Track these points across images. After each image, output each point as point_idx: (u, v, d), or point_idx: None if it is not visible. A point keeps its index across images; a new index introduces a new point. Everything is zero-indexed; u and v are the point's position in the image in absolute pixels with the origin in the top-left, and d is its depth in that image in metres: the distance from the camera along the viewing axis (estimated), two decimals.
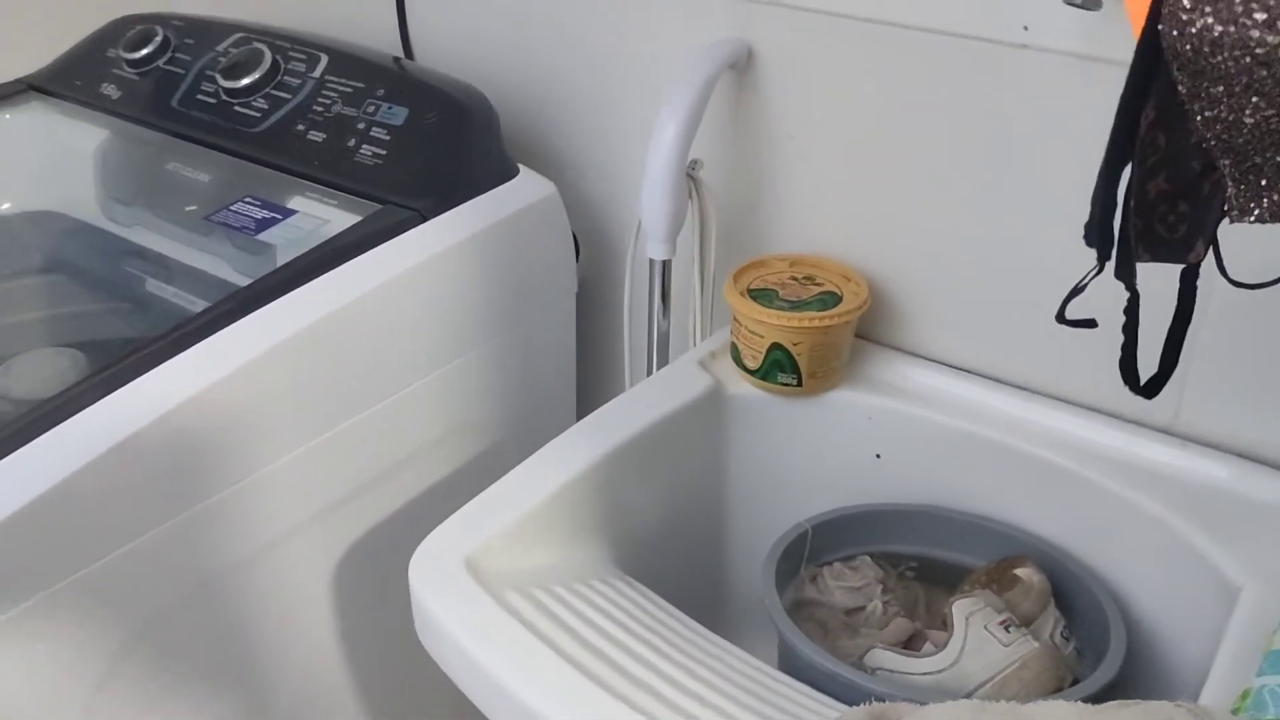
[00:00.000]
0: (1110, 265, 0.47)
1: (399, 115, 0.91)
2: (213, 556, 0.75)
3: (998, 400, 0.80)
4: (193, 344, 0.73)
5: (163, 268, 0.99)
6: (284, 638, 0.82)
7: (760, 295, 0.81)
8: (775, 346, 0.80)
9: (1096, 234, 0.45)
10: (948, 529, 0.79)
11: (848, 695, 0.63)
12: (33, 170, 1.06)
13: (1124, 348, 0.50)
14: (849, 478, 0.83)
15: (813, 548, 0.78)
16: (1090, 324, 0.51)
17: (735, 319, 0.82)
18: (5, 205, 1.05)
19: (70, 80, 1.08)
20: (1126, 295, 0.48)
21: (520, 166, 0.93)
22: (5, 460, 0.64)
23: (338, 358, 0.79)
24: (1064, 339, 0.76)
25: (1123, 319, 0.50)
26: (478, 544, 0.67)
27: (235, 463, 0.74)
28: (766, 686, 0.61)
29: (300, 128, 0.94)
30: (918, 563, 0.80)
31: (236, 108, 0.98)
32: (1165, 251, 0.47)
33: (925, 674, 0.68)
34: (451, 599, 0.64)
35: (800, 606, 0.76)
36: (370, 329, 0.80)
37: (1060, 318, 0.50)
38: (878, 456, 0.83)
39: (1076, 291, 0.49)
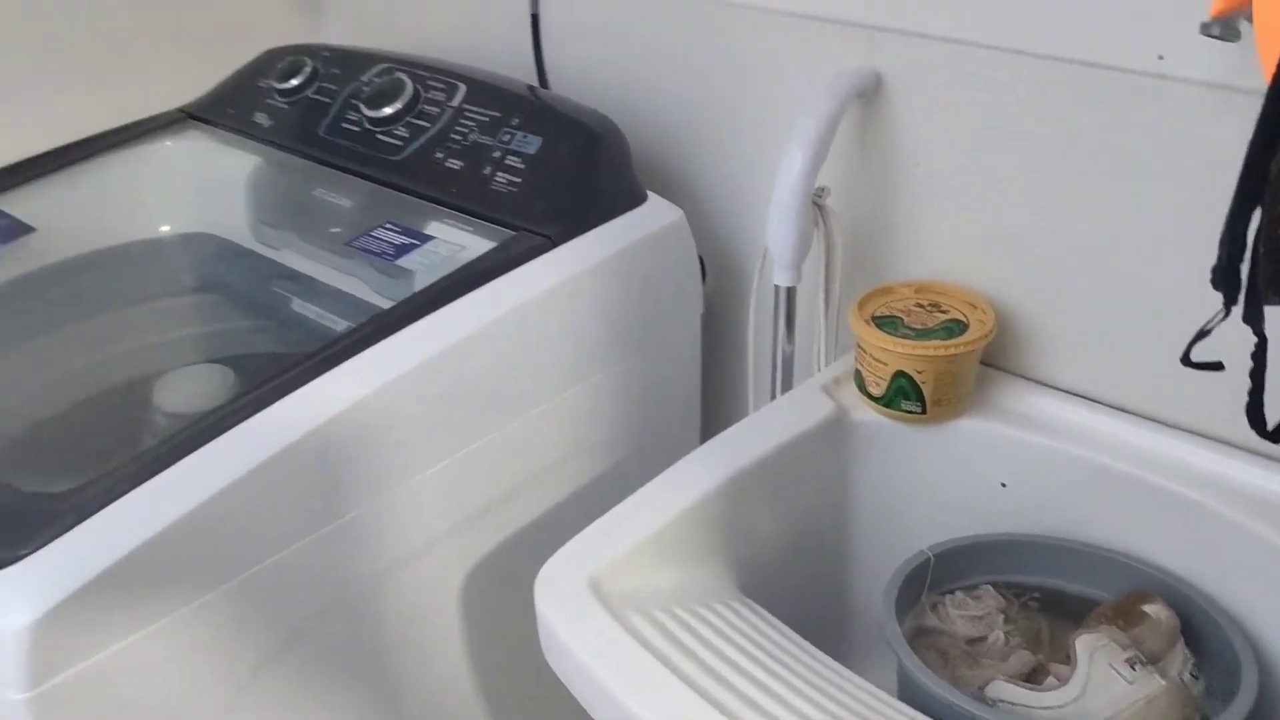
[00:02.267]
0: (1238, 308, 0.46)
1: (533, 144, 0.95)
2: (351, 568, 0.79)
3: (1127, 432, 0.78)
4: (338, 364, 0.77)
5: (308, 289, 1.04)
6: (417, 649, 0.86)
7: (885, 322, 0.82)
8: (900, 374, 0.80)
9: (1223, 277, 0.45)
10: (1073, 561, 0.78)
11: None
12: (189, 194, 1.13)
13: (1251, 394, 0.49)
14: (973, 505, 0.82)
15: (935, 575, 0.78)
16: (1217, 367, 0.50)
17: (859, 346, 0.82)
18: (164, 228, 1.12)
19: (225, 109, 1.14)
20: (1255, 339, 0.48)
21: (649, 193, 0.95)
22: (164, 474, 0.68)
23: (472, 378, 0.82)
24: (1196, 371, 0.75)
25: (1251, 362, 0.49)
26: (601, 565, 0.69)
27: (376, 478, 0.78)
28: (885, 716, 0.62)
29: (439, 155, 0.98)
30: (1041, 594, 0.79)
31: (379, 136, 1.03)
32: None
33: (1047, 708, 0.68)
34: (575, 618, 0.66)
35: (921, 634, 0.76)
36: (503, 351, 0.83)
37: (1186, 360, 0.50)
38: (1003, 485, 0.82)
39: (1202, 335, 0.49)
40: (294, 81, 1.10)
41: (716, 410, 1.07)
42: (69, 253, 1.04)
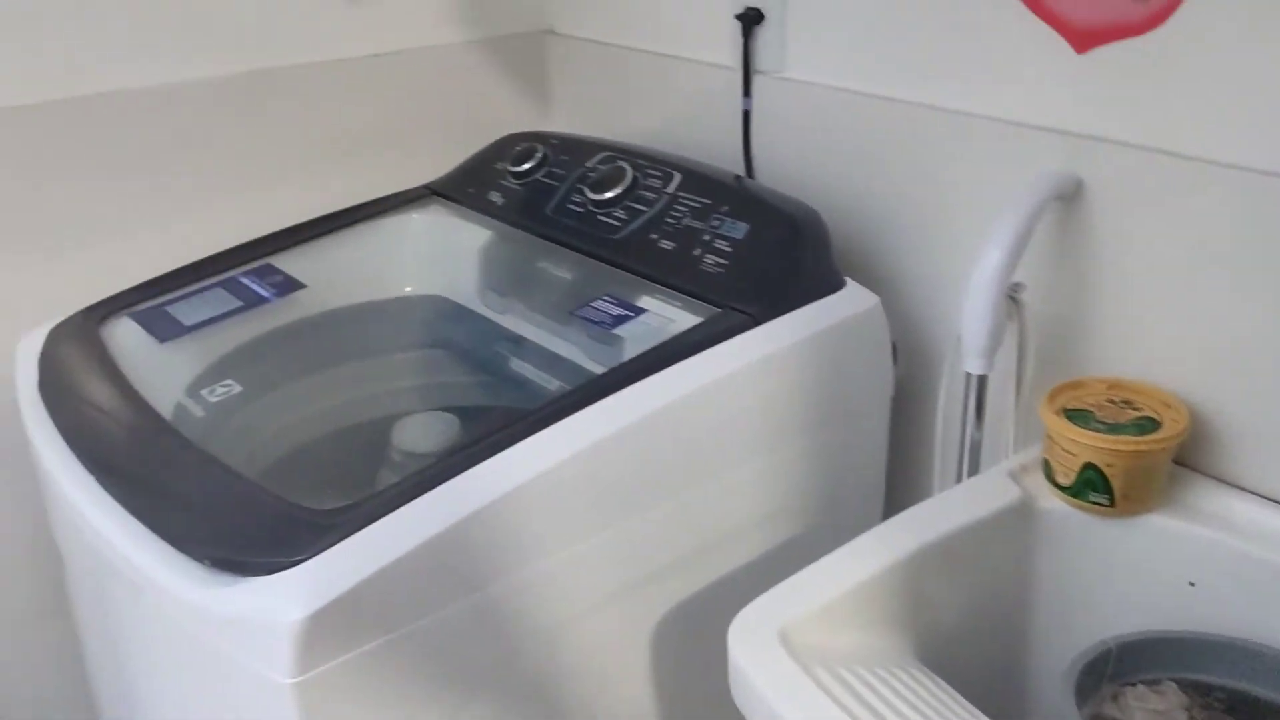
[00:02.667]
0: None
1: (740, 230, 1.02)
2: (547, 612, 0.86)
3: None
4: (559, 420, 0.85)
5: (527, 351, 1.14)
6: (604, 691, 0.92)
7: (1076, 415, 0.84)
8: (1089, 466, 0.83)
9: None
10: (1262, 664, 0.78)
11: None
12: (429, 261, 1.25)
13: None
14: (1159, 601, 0.84)
15: (1116, 667, 0.80)
16: None
17: (1049, 436, 0.85)
18: (407, 288, 1.24)
19: (464, 187, 1.27)
20: None
21: (847, 279, 1.01)
22: (414, 502, 0.78)
23: (675, 441, 0.89)
24: None
25: None
26: (792, 618, 0.74)
27: (579, 526, 0.85)
28: None
29: (653, 237, 1.07)
30: (1227, 695, 0.79)
31: (600, 217, 1.12)
32: None
33: None
34: (765, 665, 0.71)
35: None
36: (705, 417, 0.90)
37: None
38: (1191, 584, 0.83)
39: None
40: (526, 165, 1.22)
41: (900, 488, 1.10)
42: (329, 306, 1.17)
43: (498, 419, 0.88)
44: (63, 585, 1.22)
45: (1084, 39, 0.86)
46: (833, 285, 1.00)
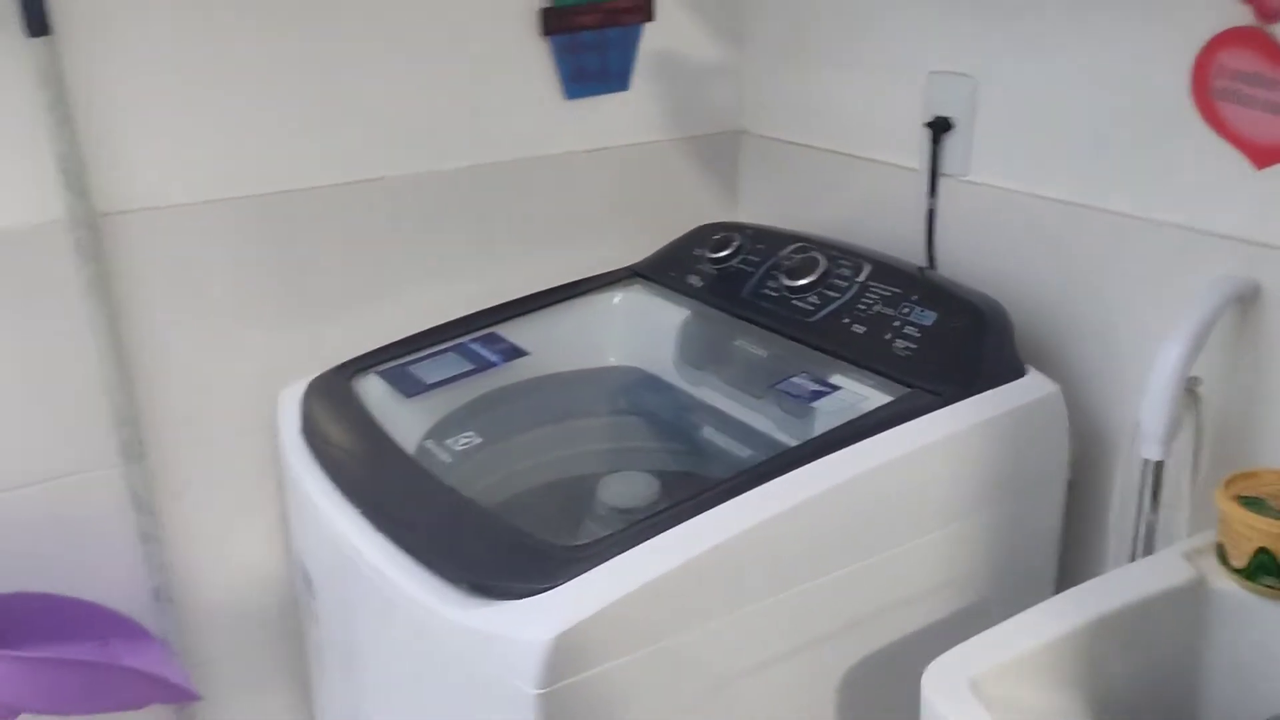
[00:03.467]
0: None
1: (929, 317, 1.12)
2: (742, 657, 0.95)
3: None
4: (760, 484, 0.96)
5: (719, 421, 1.26)
6: None
7: (1250, 502, 0.91)
8: (1262, 550, 0.89)
9: None
10: None
11: None
12: (630, 336, 1.38)
13: None
14: None
15: None
16: None
17: (1223, 520, 0.92)
18: (611, 359, 1.38)
19: (665, 270, 1.40)
20: None
21: (1029, 367, 1.09)
22: (636, 548, 0.89)
23: (865, 508, 0.98)
24: None
25: None
26: (982, 670, 0.82)
27: (772, 582, 0.95)
28: None
29: (845, 321, 1.17)
30: None
31: (794, 301, 1.24)
32: None
33: None
34: (960, 712, 0.79)
35: None
36: (892, 488, 0.99)
37: None
38: None
39: None
40: (724, 252, 1.35)
41: (1072, 570, 1.16)
42: (544, 371, 1.31)
43: (699, 482, 0.99)
44: (294, 611, 1.37)
45: (1263, 156, 0.94)
46: (1014, 373, 1.08)
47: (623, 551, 0.89)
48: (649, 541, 0.90)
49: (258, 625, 1.38)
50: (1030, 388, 1.07)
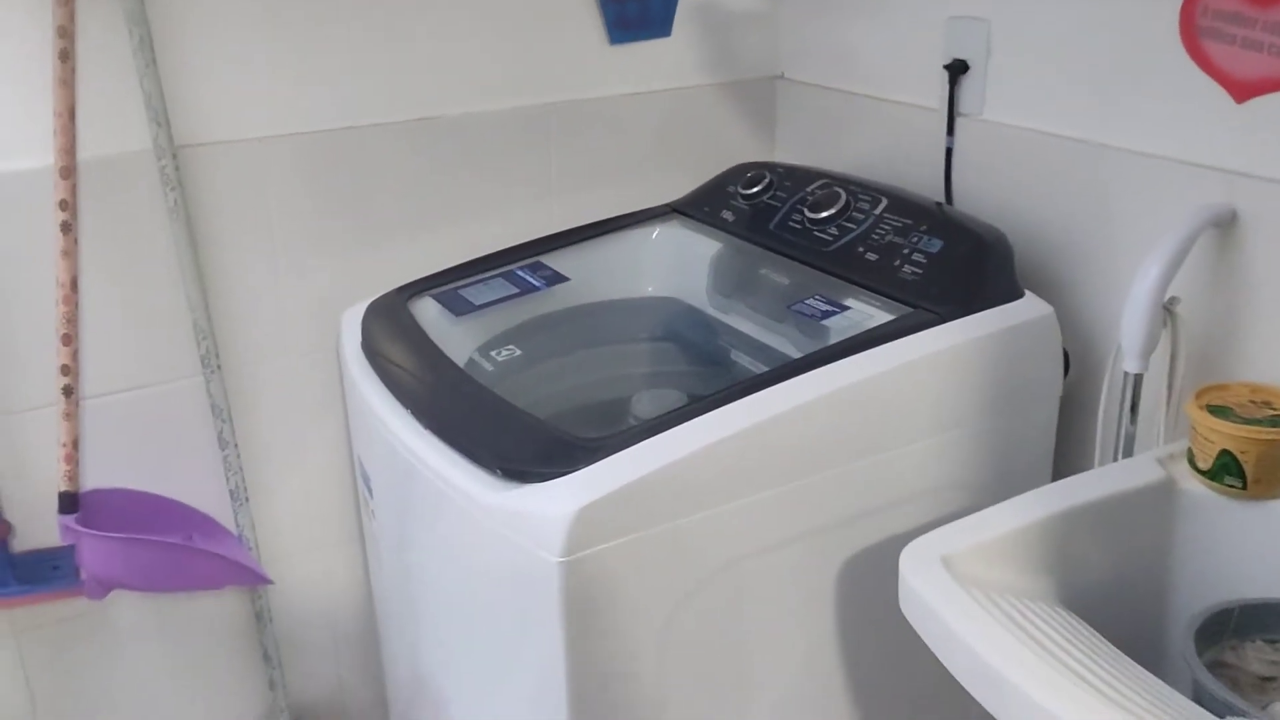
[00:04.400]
0: None
1: (935, 245, 1.20)
2: (745, 541, 1.05)
3: None
4: (767, 386, 1.06)
5: (745, 343, 1.35)
6: (790, 615, 1.12)
7: (1218, 410, 0.98)
8: (1224, 452, 0.97)
9: None
10: None
11: None
12: (667, 268, 1.49)
13: None
14: None
15: (1239, 624, 0.93)
16: None
17: (1192, 426, 1.00)
18: (649, 289, 1.48)
19: (700, 206, 1.50)
20: None
21: (1026, 291, 1.17)
22: (654, 438, 1.00)
23: (865, 412, 1.08)
24: None
25: None
26: (954, 550, 0.92)
27: (775, 474, 1.05)
28: (1181, 708, 0.78)
29: (860, 250, 1.26)
30: None
31: (815, 233, 1.33)
32: None
33: None
34: (929, 582, 0.89)
35: (1217, 666, 0.91)
36: (892, 395, 1.09)
37: None
38: None
39: None
40: (755, 189, 1.44)
41: (1066, 473, 1.24)
42: (585, 299, 1.42)
43: (729, 384, 1.09)
44: (355, 510, 1.51)
45: (1242, 90, 1.01)
46: (1013, 295, 1.17)
47: (638, 442, 1.00)
48: (662, 434, 1.01)
49: (322, 523, 1.52)
50: (1026, 309, 1.16)
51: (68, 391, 1.26)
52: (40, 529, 1.33)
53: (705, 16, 1.57)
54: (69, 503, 1.27)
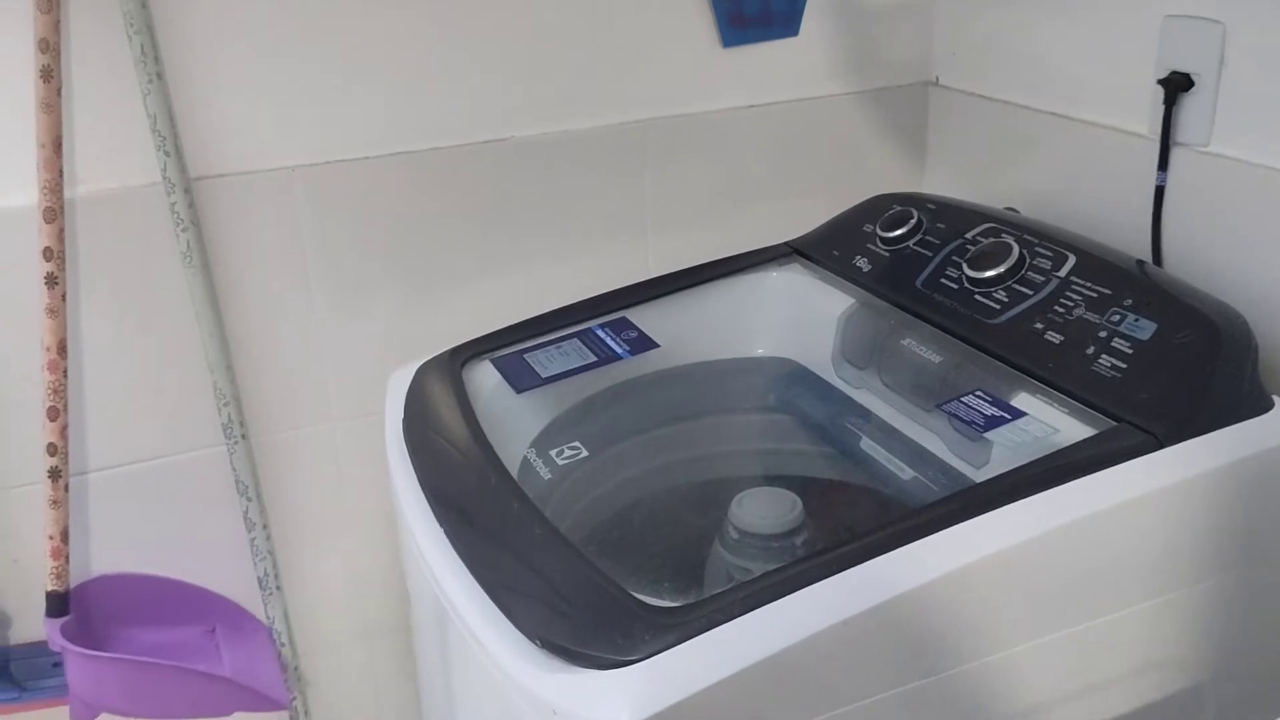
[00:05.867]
0: None
1: (1146, 329, 0.90)
2: None
3: None
4: (926, 535, 0.77)
5: (881, 432, 1.07)
6: None
7: None
8: None
9: None
10: None
11: None
12: (784, 323, 1.21)
13: None
14: None
15: None
16: None
17: None
18: (759, 350, 1.21)
19: (829, 249, 1.21)
20: None
21: (1276, 400, 0.86)
22: (759, 611, 0.72)
23: (1052, 571, 0.79)
24: None
25: None
26: None
27: (924, 660, 0.77)
28: None
29: (1038, 326, 0.96)
30: None
31: (977, 296, 1.03)
32: None
33: None
34: None
35: None
36: (1089, 549, 0.79)
37: None
38: None
39: None
40: (898, 231, 1.14)
41: None
42: (680, 362, 1.16)
43: (868, 528, 0.80)
44: (403, 604, 1.28)
45: None
46: (1258, 406, 0.85)
47: (733, 617, 0.72)
48: (770, 606, 0.73)
49: (363, 612, 1.30)
50: (1276, 426, 0.84)
51: (55, 474, 1.06)
52: (40, 620, 1.14)
53: (841, 11, 1.29)
54: (56, 605, 1.08)
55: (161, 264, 1.10)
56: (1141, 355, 0.88)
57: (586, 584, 0.79)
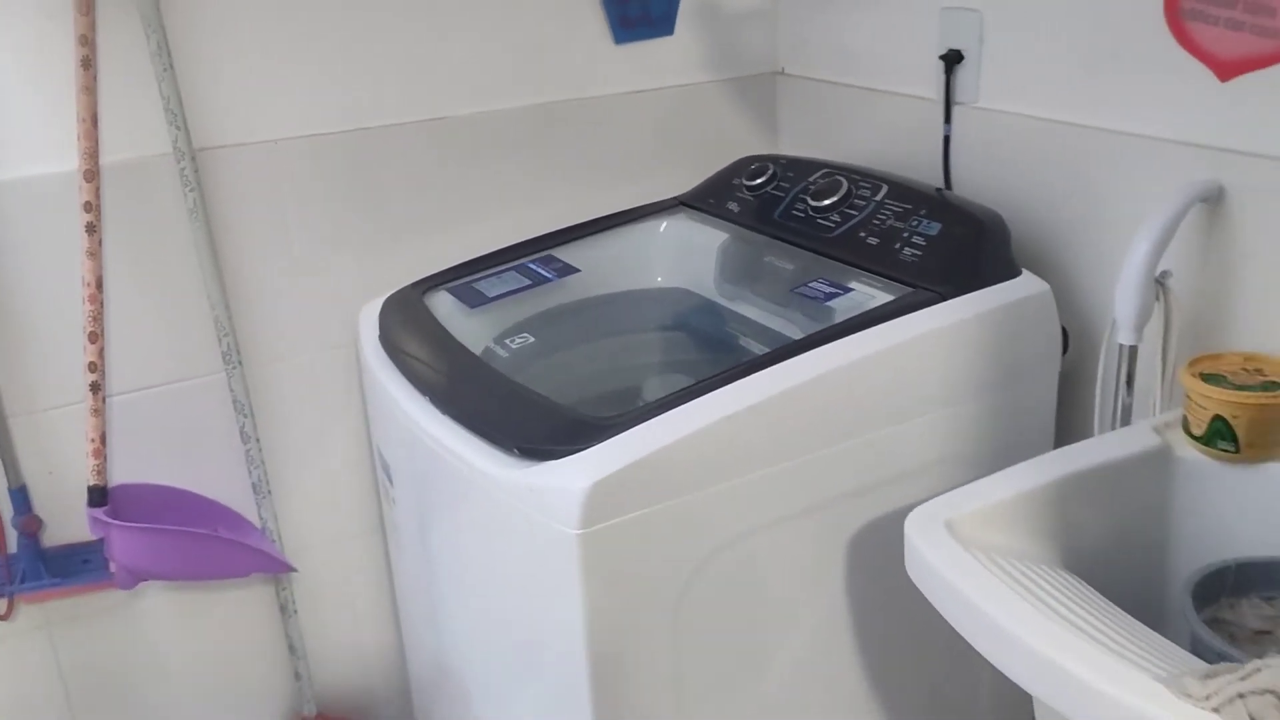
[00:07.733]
0: None
1: (934, 228, 1.24)
2: (754, 515, 1.08)
3: None
4: (771, 364, 1.09)
5: (753, 329, 1.39)
6: (800, 587, 1.15)
7: (1211, 378, 1.02)
8: (1217, 418, 1.00)
9: None
10: None
11: None
12: (675, 259, 1.52)
13: None
14: (1278, 534, 0.99)
15: (1236, 582, 0.96)
16: None
17: (1186, 395, 1.03)
18: (658, 279, 1.52)
19: (706, 198, 1.54)
20: None
21: (1023, 269, 1.21)
22: (663, 415, 1.03)
23: (867, 388, 1.11)
24: None
25: None
26: (957, 514, 0.95)
27: (780, 450, 1.08)
28: (1178, 658, 0.81)
29: (861, 235, 1.30)
30: None
31: (818, 220, 1.36)
32: None
33: None
34: (933, 544, 0.92)
35: (1214, 623, 0.94)
36: (894, 371, 1.12)
37: None
38: None
39: None
40: (759, 180, 1.48)
41: (1066, 444, 1.27)
42: (596, 291, 1.46)
43: (732, 364, 1.12)
44: (375, 502, 1.55)
45: (1227, 70, 1.05)
46: (1010, 273, 1.20)
47: (648, 419, 1.03)
48: (671, 412, 1.04)
49: (343, 515, 1.56)
50: (1023, 286, 1.19)
51: (95, 388, 1.30)
52: (70, 525, 1.37)
53: (706, 15, 1.62)
54: (98, 496, 1.31)
55: (171, 219, 1.35)
56: (931, 245, 1.23)
57: (546, 408, 1.09)
